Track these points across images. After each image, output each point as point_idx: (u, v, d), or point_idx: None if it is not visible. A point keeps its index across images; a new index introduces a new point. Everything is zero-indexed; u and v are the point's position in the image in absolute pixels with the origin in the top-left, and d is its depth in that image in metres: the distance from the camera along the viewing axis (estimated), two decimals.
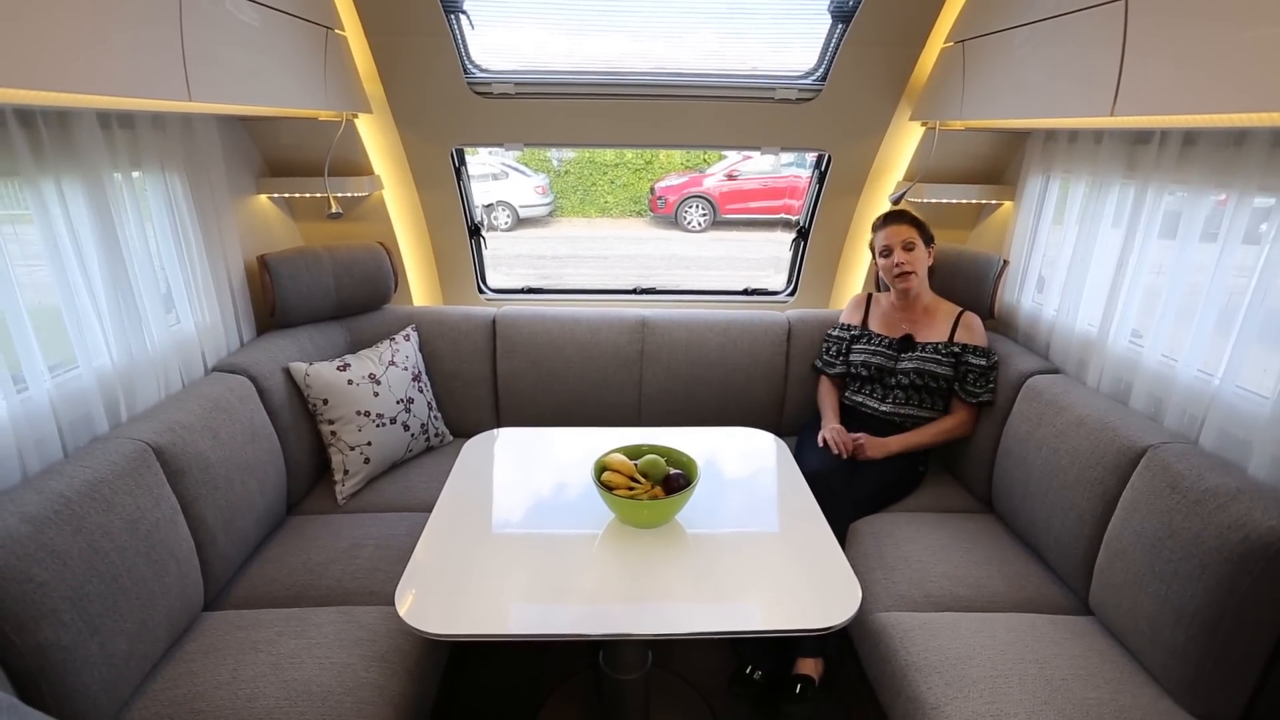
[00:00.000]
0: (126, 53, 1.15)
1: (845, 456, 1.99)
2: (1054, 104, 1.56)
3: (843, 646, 1.80)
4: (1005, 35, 1.78)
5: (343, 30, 2.02)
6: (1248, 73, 1.06)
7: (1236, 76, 1.08)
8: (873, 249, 2.18)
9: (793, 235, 2.74)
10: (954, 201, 2.39)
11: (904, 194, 2.35)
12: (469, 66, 2.24)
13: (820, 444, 2.05)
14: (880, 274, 2.16)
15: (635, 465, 1.50)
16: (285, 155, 2.23)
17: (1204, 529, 1.28)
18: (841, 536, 1.83)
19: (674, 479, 1.48)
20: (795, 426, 2.39)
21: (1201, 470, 1.36)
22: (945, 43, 2.11)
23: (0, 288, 1.27)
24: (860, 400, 2.16)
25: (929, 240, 2.11)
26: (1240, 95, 1.07)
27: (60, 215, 1.40)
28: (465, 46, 2.20)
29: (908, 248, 2.06)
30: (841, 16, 2.12)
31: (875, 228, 2.15)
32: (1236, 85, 1.08)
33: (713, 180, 9.14)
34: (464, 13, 2.09)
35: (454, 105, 2.26)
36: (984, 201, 2.44)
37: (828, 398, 2.22)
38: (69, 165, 1.42)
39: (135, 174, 1.64)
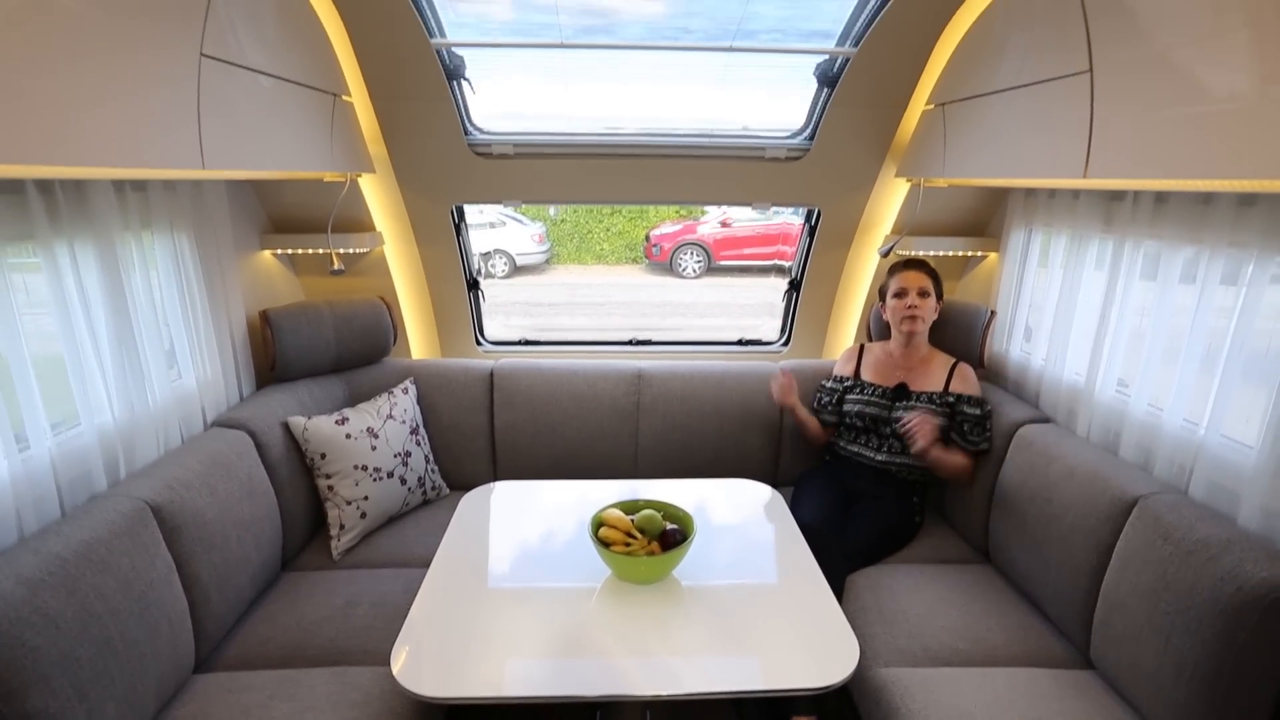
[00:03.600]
0: (146, 127, 1.21)
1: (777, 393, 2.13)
2: (1030, 166, 1.64)
3: (843, 703, 1.77)
4: (982, 100, 1.87)
5: (349, 96, 2.10)
6: (1206, 142, 1.13)
7: (1196, 145, 1.14)
8: (882, 292, 2.23)
9: (786, 283, 2.80)
10: (941, 253, 2.46)
11: (892, 247, 2.41)
12: (469, 128, 2.32)
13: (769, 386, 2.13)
14: (886, 316, 2.20)
15: (632, 521, 1.50)
16: (290, 213, 2.30)
17: (1198, 581, 1.29)
18: (838, 589, 1.82)
19: (670, 534, 1.49)
20: (791, 476, 2.40)
21: (1192, 521, 1.37)
22: (926, 105, 2.21)
23: (9, 347, 1.30)
24: (856, 450, 2.17)
25: (940, 295, 2.18)
26: (1200, 163, 1.13)
27: (71, 277, 1.44)
28: (466, 110, 2.29)
29: (923, 294, 2.11)
30: (827, 81, 2.22)
31: (893, 270, 2.20)
32: (1196, 153, 1.14)
33: (707, 228, 9.34)
34: (465, 79, 2.19)
35: (455, 165, 2.34)
36: (970, 253, 2.51)
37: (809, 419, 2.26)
38: (82, 227, 1.46)
39: (145, 233, 1.68)
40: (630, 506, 1.58)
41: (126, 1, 1.18)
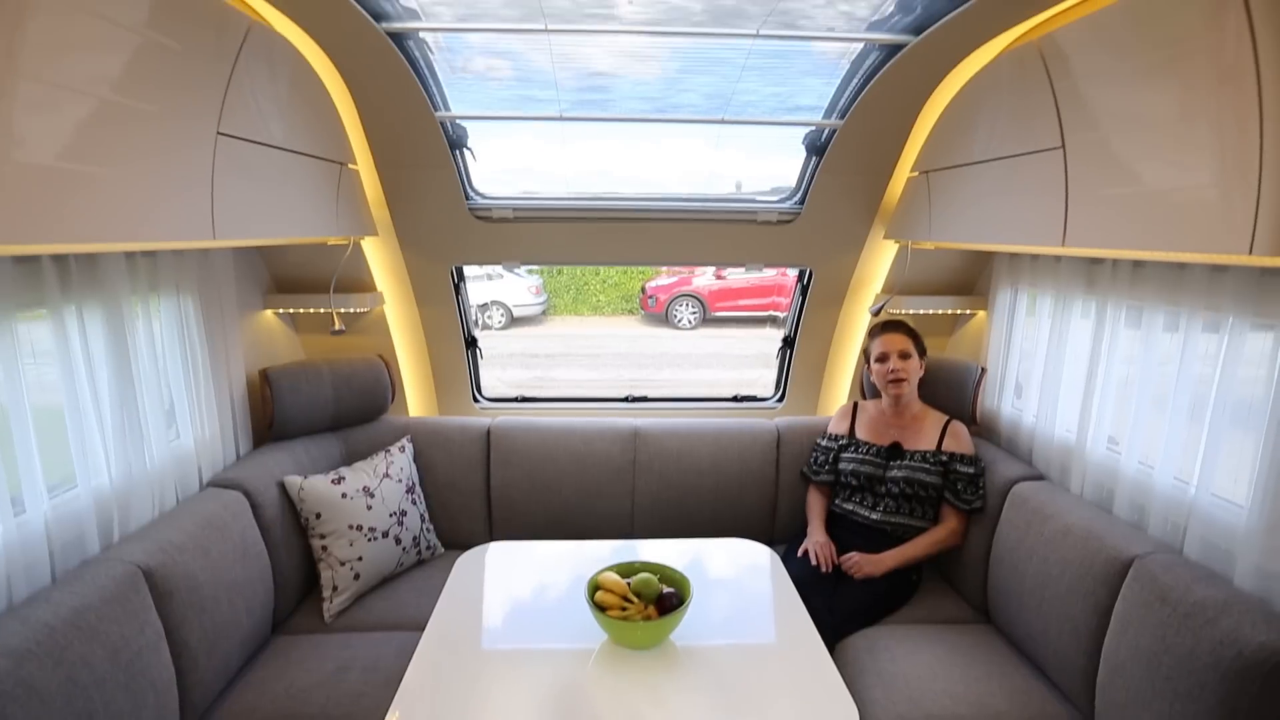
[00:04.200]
0: (163, 204, 1.26)
1: (825, 570, 2.00)
2: (1012, 233, 1.70)
3: None
4: (964, 169, 1.95)
5: (355, 164, 2.18)
6: (1173, 219, 1.19)
7: (1164, 222, 1.20)
8: (866, 355, 2.26)
9: (781, 334, 2.85)
10: (930, 312, 2.52)
11: (883, 305, 2.47)
12: (470, 193, 2.40)
13: (801, 555, 2.06)
14: (873, 379, 2.23)
15: (628, 584, 1.50)
16: (293, 274, 2.35)
17: (1197, 645, 1.28)
18: (835, 651, 1.80)
19: (667, 598, 1.48)
20: (787, 533, 2.39)
21: (1189, 582, 1.37)
22: (911, 172, 2.30)
23: (13, 408, 1.31)
24: (851, 509, 2.17)
25: (923, 352, 2.21)
26: (1168, 238, 1.18)
27: (78, 341, 1.46)
28: (468, 176, 2.37)
29: (904, 356, 2.14)
30: (815, 150, 2.32)
31: (873, 334, 2.24)
32: (1165, 229, 1.20)
33: (702, 279, 9.48)
34: (468, 148, 2.28)
35: (455, 228, 2.40)
36: (959, 311, 2.57)
37: (815, 505, 2.24)
38: (92, 293, 1.49)
39: (152, 296, 1.72)
40: (627, 569, 1.57)
41: (153, 90, 1.24)
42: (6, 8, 0.93)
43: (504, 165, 2.42)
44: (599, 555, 1.86)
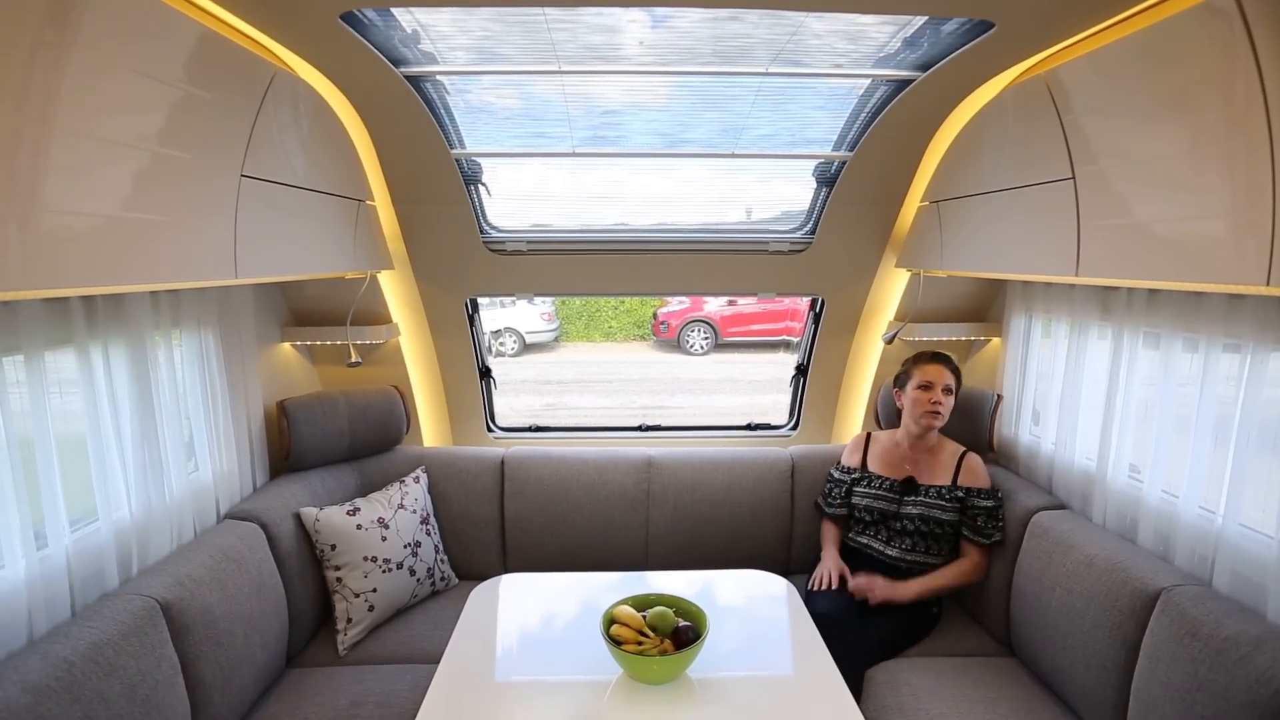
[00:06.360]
0: (188, 248, 1.30)
1: (823, 587, 2.01)
2: (1024, 262, 1.70)
3: None
4: (974, 199, 1.96)
5: (372, 201, 2.22)
6: (1187, 251, 1.18)
7: (1177, 253, 1.20)
8: (900, 379, 2.19)
9: (794, 359, 2.84)
10: (944, 339, 2.50)
11: (896, 333, 2.46)
12: (485, 228, 2.44)
13: (814, 587, 2.04)
14: (902, 403, 2.17)
15: (644, 618, 1.48)
16: (311, 307, 2.39)
17: (1232, 682, 1.24)
18: (856, 685, 1.76)
19: (683, 631, 1.46)
20: (803, 563, 2.35)
21: (1219, 616, 1.34)
22: (921, 201, 2.31)
23: (39, 448, 1.33)
24: (865, 543, 2.14)
25: (958, 393, 2.17)
26: (1183, 269, 1.18)
27: (103, 378, 1.49)
28: (482, 211, 2.41)
29: (947, 391, 2.10)
30: (825, 181, 2.34)
31: (917, 360, 2.16)
32: (1179, 261, 1.19)
33: (714, 304, 9.51)
34: (482, 184, 2.32)
35: (470, 261, 2.44)
36: (973, 338, 2.55)
37: (829, 534, 2.22)
38: (117, 330, 1.53)
39: (174, 332, 1.75)
40: (642, 601, 1.56)
41: (182, 138, 1.29)
42: (44, 62, 0.97)
43: (517, 193, 2.45)
44: (613, 587, 1.85)
